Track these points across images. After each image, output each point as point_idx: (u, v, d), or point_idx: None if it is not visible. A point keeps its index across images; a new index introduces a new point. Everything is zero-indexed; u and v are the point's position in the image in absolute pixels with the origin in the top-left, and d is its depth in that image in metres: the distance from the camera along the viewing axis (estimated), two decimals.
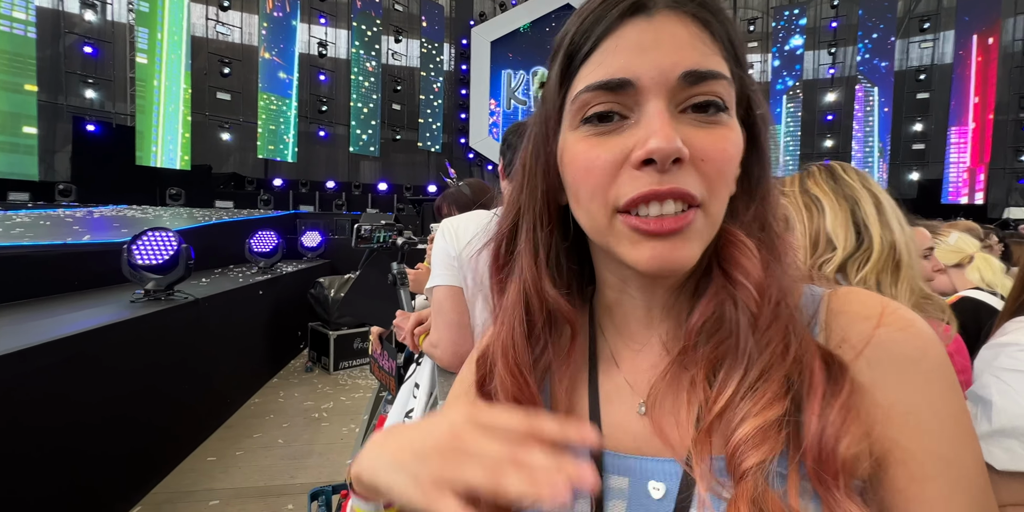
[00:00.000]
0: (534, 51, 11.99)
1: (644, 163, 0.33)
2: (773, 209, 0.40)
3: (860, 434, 0.32)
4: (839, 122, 12.29)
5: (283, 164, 10.77)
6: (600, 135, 0.36)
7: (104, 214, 5.95)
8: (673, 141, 0.32)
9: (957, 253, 1.53)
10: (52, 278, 3.15)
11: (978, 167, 10.74)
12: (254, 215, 7.17)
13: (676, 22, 0.34)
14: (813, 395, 0.33)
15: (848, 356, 0.35)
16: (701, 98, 0.34)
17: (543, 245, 0.42)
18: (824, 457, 0.31)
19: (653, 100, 0.34)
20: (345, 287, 4.71)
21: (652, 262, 0.35)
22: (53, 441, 1.91)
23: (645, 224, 0.34)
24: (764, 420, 0.33)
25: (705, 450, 0.35)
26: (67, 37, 8.59)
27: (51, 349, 1.91)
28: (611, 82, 0.34)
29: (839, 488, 0.31)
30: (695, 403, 0.37)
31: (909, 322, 0.36)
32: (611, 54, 0.35)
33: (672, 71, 0.33)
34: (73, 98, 8.68)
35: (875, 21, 11.54)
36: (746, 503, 0.31)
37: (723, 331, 0.37)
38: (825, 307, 0.38)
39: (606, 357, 0.44)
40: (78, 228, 4.57)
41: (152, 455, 2.59)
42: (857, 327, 0.36)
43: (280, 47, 10.19)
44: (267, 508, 2.42)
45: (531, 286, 0.42)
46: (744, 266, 0.37)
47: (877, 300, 0.37)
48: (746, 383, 0.34)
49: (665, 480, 0.37)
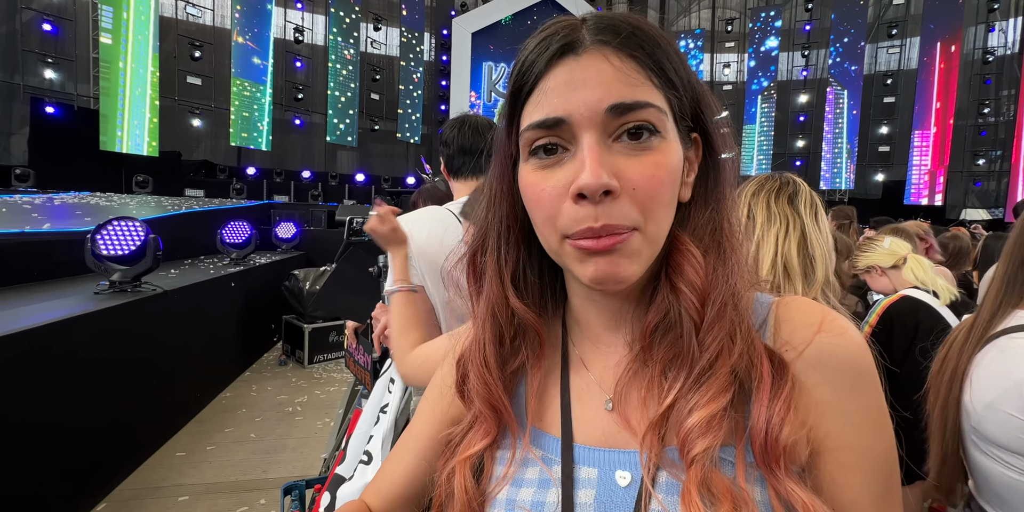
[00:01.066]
0: (515, 43, 11.60)
1: (579, 197, 0.37)
2: (727, 214, 0.43)
3: (798, 424, 0.37)
4: (811, 123, 12.65)
5: (257, 152, 10.49)
6: (545, 168, 0.39)
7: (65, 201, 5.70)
8: (599, 177, 0.35)
9: (892, 255, 1.65)
10: (10, 268, 3.02)
11: (938, 170, 11.23)
12: (226, 205, 6.97)
13: (601, 59, 0.37)
14: (761, 389, 0.37)
15: (790, 357, 0.39)
16: (630, 125, 0.37)
17: (509, 261, 0.46)
18: (769, 442, 0.35)
19: (586, 134, 0.37)
20: (321, 280, 4.64)
21: (595, 276, 0.38)
22: (13, 437, 1.85)
23: (584, 243, 0.38)
24: (710, 411, 0.36)
25: (656, 439, 0.38)
26: (24, 13, 8.13)
27: (11, 342, 1.85)
28: (547, 121, 0.38)
29: (781, 469, 0.35)
30: (654, 397, 0.41)
31: (844, 330, 0.40)
32: (546, 94, 0.38)
33: (599, 106, 0.37)
34: (30, 78, 8.24)
35: (847, 25, 11.87)
36: (696, 486, 0.35)
37: (673, 332, 0.41)
38: (774, 315, 0.42)
39: (576, 360, 0.47)
40: (37, 216, 4.37)
41: (117, 451, 2.53)
42: (800, 333, 0.40)
43: (254, 31, 9.87)
44: (239, 503, 2.39)
45: (497, 300, 0.46)
46: (687, 274, 0.40)
47: (819, 309, 0.42)
48: (691, 378, 0.38)
49: (631, 469, 0.40)
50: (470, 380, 0.47)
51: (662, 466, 0.38)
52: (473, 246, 0.49)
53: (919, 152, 11.44)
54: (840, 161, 12.07)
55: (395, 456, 0.54)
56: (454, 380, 0.49)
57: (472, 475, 0.44)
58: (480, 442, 0.45)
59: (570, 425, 0.44)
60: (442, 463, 0.47)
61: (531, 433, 0.45)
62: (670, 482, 0.37)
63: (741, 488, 0.35)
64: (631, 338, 0.44)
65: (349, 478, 1.10)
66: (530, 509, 0.41)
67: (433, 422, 0.52)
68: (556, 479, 0.41)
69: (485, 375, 0.46)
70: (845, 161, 12.02)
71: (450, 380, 0.50)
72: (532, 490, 0.42)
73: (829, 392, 0.38)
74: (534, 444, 0.45)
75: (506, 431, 0.46)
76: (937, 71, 11.18)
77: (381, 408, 1.24)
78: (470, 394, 0.47)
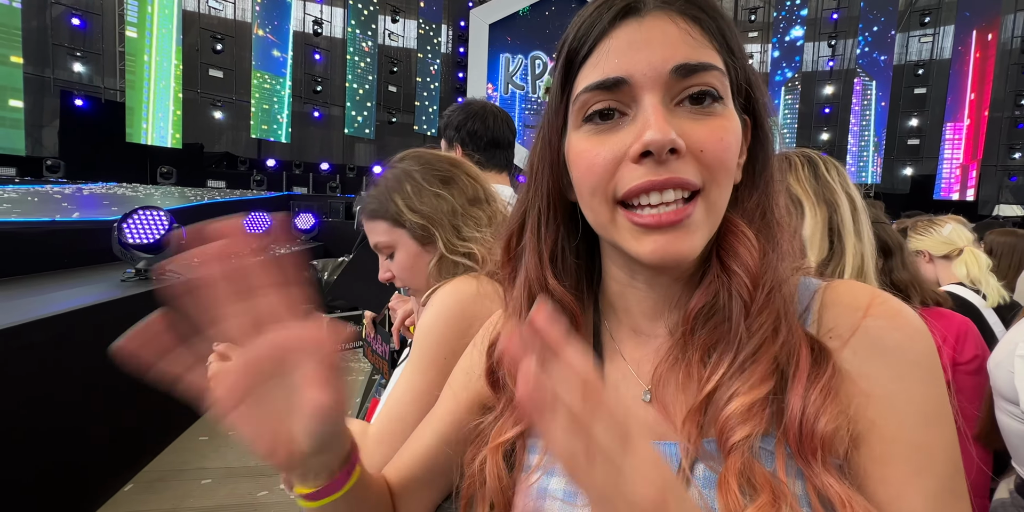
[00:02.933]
0: (533, 35, 11.79)
1: (642, 156, 0.35)
2: (775, 196, 0.42)
3: (837, 413, 0.34)
4: (836, 115, 12.29)
5: (276, 144, 10.62)
6: (601, 133, 0.37)
7: (94, 191, 5.87)
8: (667, 132, 0.34)
9: (948, 244, 1.54)
10: (41, 255, 3.12)
11: (971, 164, 10.82)
12: (247, 195, 7.09)
13: (666, 20, 0.36)
14: (798, 378, 0.35)
15: (835, 345, 0.37)
16: (695, 89, 0.36)
17: (548, 241, 0.44)
18: (804, 433, 0.34)
19: (648, 95, 0.36)
20: (338, 270, 4.70)
21: (655, 254, 0.36)
22: (46, 418, 1.92)
23: (643, 218, 0.36)
24: (752, 398, 0.35)
25: (695, 427, 0.37)
26: (54, 8, 8.33)
27: (44, 326, 1.91)
28: (607, 81, 0.36)
29: (818, 462, 0.33)
30: (693, 383, 0.39)
31: (896, 312, 0.37)
32: (606, 55, 0.37)
33: (663, 66, 0.35)
34: (60, 71, 8.46)
35: (876, 14, 11.46)
36: (735, 475, 0.33)
37: (718, 316, 0.39)
38: (819, 299, 0.40)
39: (611, 348, 0.46)
40: (67, 205, 4.51)
41: (144, 434, 2.61)
42: (846, 318, 0.38)
43: (274, 24, 9.96)
44: (259, 487, 2.45)
45: (534, 279, 0.44)
46: (741, 256, 0.38)
47: (867, 291, 0.39)
48: (736, 364, 0.37)
49: (671, 461, 0.38)
50: (504, 366, 0.45)
51: (700, 459, 0.36)
52: (510, 226, 0.47)
53: (951, 145, 11.03)
54: (867, 154, 11.72)
55: (417, 436, 0.53)
56: (484, 367, 0.48)
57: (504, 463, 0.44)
58: (512, 429, 0.44)
59: None
60: (472, 452, 0.46)
61: None
62: (708, 475, 0.36)
63: (781, 480, 0.33)
64: (672, 324, 0.42)
65: None
66: (562, 498, 0.40)
67: (459, 406, 0.51)
68: None
69: None
70: (872, 154, 11.67)
71: (479, 367, 0.49)
72: (564, 479, 0.41)
73: (875, 381, 0.36)
74: None
75: None
76: (972, 60, 10.73)
77: None
78: (503, 380, 0.46)
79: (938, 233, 1.57)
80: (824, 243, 0.82)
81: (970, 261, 1.48)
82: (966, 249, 1.51)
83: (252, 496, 2.38)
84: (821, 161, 0.88)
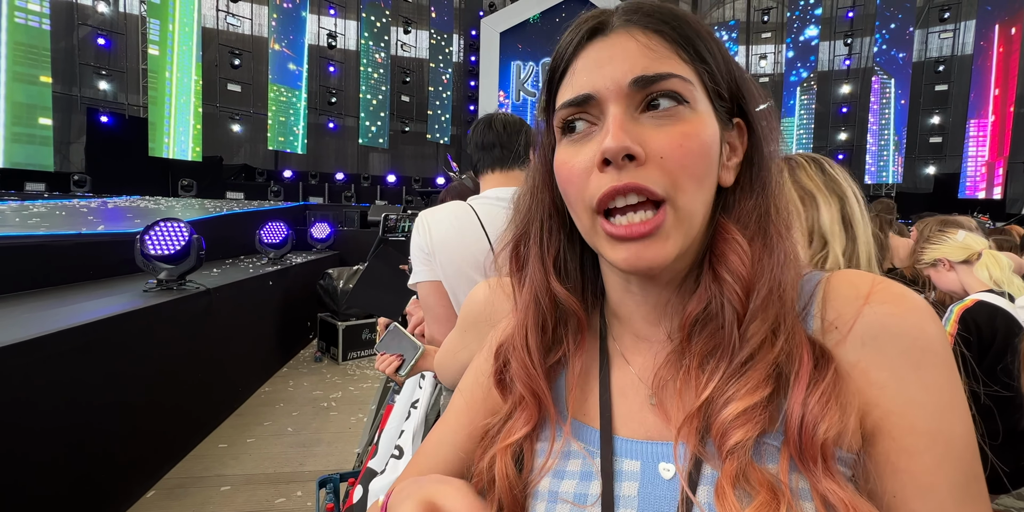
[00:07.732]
0: (543, 42, 11.86)
1: (604, 163, 0.37)
2: (774, 199, 0.41)
3: (840, 417, 0.34)
4: (854, 114, 12.07)
5: (293, 156, 10.82)
6: (575, 143, 0.40)
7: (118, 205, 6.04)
8: (621, 140, 0.35)
9: (965, 249, 1.50)
10: (67, 267, 3.21)
11: (997, 161, 10.50)
12: (264, 206, 7.22)
13: (627, 37, 0.38)
14: (798, 384, 0.35)
15: (838, 337, 0.37)
16: (654, 95, 0.37)
17: (551, 249, 0.46)
18: (804, 441, 0.34)
19: (612, 107, 0.38)
20: (353, 278, 4.75)
21: (627, 262, 0.38)
22: (70, 426, 1.97)
23: (617, 229, 0.38)
24: (747, 403, 0.35)
25: (692, 431, 0.37)
26: (81, 29, 8.67)
27: (68, 336, 1.96)
28: (577, 98, 0.39)
29: (819, 468, 0.33)
30: (691, 389, 0.39)
31: (898, 297, 0.37)
32: (577, 74, 0.40)
33: (623, 79, 0.37)
34: (87, 89, 8.78)
35: (893, 11, 11.26)
36: (730, 479, 0.34)
37: (714, 324, 0.39)
38: (821, 292, 0.40)
39: (616, 355, 0.46)
40: (93, 218, 4.64)
41: (166, 441, 2.65)
42: (846, 308, 0.38)
43: (290, 38, 10.19)
44: (277, 494, 2.47)
45: (540, 285, 0.46)
46: (731, 262, 0.38)
47: (866, 278, 0.39)
48: (730, 370, 0.37)
49: (675, 462, 0.39)
50: (511, 367, 0.47)
51: (705, 459, 0.37)
52: (516, 235, 0.49)
53: (975, 142, 10.73)
54: (887, 154, 11.47)
55: (433, 447, 0.53)
56: (492, 370, 0.49)
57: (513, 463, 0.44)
58: (521, 430, 0.44)
59: (610, 418, 0.43)
60: (480, 452, 0.46)
61: (572, 425, 0.44)
62: (713, 473, 0.36)
63: (781, 480, 0.33)
64: (672, 329, 0.43)
65: (381, 472, 1.11)
66: (573, 501, 0.40)
67: (471, 413, 0.51)
68: (599, 471, 0.41)
69: (526, 360, 0.45)
70: (892, 154, 11.41)
71: (488, 370, 0.50)
72: (575, 482, 0.41)
73: (886, 370, 0.35)
74: (575, 436, 0.44)
75: (546, 422, 0.45)
76: (996, 56, 10.45)
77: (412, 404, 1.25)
78: (510, 381, 0.46)
79: (952, 239, 1.53)
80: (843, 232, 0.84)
81: (991, 264, 1.44)
82: (985, 252, 1.47)
83: (270, 503, 2.39)
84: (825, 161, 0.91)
